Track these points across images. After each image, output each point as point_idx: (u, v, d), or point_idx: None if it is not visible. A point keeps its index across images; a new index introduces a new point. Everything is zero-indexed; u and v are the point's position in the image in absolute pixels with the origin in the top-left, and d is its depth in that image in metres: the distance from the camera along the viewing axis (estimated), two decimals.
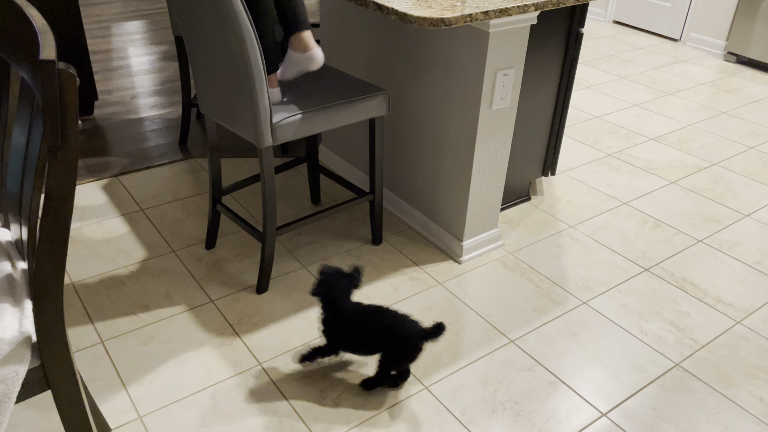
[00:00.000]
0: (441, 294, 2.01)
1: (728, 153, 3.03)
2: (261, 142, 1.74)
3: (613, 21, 5.04)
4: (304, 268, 2.10)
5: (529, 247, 2.27)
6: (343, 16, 2.38)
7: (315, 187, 2.43)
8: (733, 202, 2.62)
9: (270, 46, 1.74)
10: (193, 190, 2.51)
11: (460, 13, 1.59)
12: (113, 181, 2.56)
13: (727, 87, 3.85)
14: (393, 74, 2.23)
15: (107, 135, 2.93)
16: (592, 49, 4.41)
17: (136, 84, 3.51)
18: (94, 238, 2.21)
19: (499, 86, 1.91)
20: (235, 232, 2.26)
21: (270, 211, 1.86)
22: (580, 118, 3.33)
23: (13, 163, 1.14)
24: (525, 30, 1.89)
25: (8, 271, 1.13)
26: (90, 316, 1.86)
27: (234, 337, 1.81)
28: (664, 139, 3.14)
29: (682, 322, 1.95)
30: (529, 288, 2.06)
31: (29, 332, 1.03)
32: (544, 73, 2.27)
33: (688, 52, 4.44)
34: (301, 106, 1.81)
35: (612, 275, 2.15)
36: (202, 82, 1.87)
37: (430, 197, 2.24)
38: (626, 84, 3.82)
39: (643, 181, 2.74)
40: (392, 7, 1.63)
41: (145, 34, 4.31)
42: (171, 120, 3.09)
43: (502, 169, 2.11)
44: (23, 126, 1.09)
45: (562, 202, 2.55)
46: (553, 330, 1.89)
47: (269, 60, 1.76)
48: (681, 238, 2.37)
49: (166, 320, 1.86)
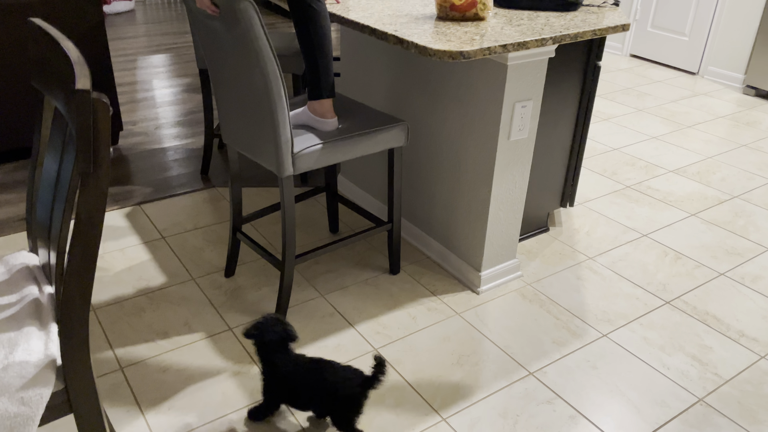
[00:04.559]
0: (459, 325, 2.00)
1: (749, 186, 3.01)
2: (282, 171, 1.77)
3: (631, 54, 5.07)
4: (321, 297, 2.11)
5: (547, 278, 2.25)
6: (363, 48, 2.43)
7: (333, 216, 2.45)
8: (755, 235, 2.59)
9: (323, 69, 1.79)
10: (213, 219, 2.55)
11: (479, 47, 1.62)
12: (136, 209, 2.60)
13: (746, 120, 3.84)
14: (412, 105, 2.26)
15: (131, 164, 2.99)
16: (609, 82, 4.43)
17: (159, 115, 3.59)
18: (116, 265, 2.24)
19: (517, 118, 1.93)
20: (254, 261, 2.28)
21: (289, 239, 1.88)
22: (598, 150, 3.33)
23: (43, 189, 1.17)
24: (543, 63, 1.92)
25: (35, 295, 1.15)
26: (110, 342, 1.88)
27: (251, 365, 1.81)
28: (683, 172, 3.13)
29: (705, 356, 1.92)
30: (548, 320, 2.05)
31: (54, 355, 1.04)
32: (562, 105, 2.29)
33: (707, 85, 4.45)
34: (321, 137, 1.84)
35: (632, 308, 2.12)
36: (226, 112, 1.91)
37: (448, 227, 2.25)
38: (644, 117, 3.83)
39: (662, 214, 2.73)
40: (412, 41, 1.67)
41: (170, 67, 4.43)
42: (193, 150, 3.15)
43: (521, 199, 2.12)
44: (55, 153, 1.12)
45: (581, 234, 2.54)
46: (572, 363, 1.87)
47: (324, 84, 1.81)
48: (702, 271, 2.34)
49: (185, 347, 1.87)
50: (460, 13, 1.87)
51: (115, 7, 5.76)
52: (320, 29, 1.78)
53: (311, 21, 1.76)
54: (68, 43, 1.04)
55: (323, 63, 1.82)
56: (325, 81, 1.84)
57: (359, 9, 1.99)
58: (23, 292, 1.15)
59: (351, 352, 1.87)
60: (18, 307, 1.11)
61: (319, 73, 1.83)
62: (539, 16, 1.95)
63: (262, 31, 1.61)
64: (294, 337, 1.54)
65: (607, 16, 1.97)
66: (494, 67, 1.88)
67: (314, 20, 1.76)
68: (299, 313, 2.03)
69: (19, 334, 1.05)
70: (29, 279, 1.20)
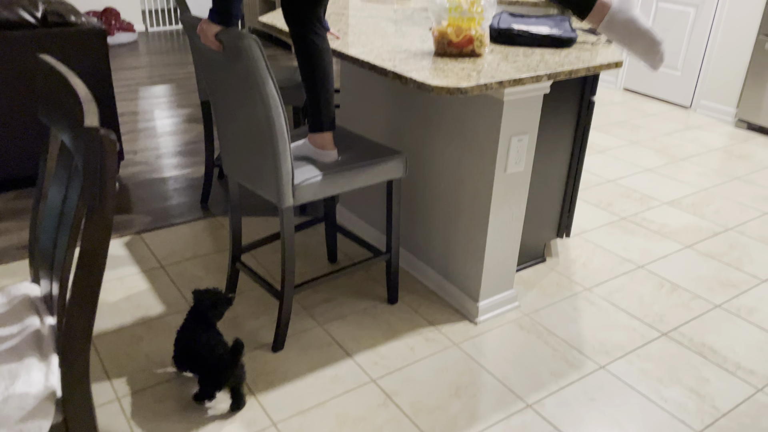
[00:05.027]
0: (457, 356, 2.01)
1: (743, 218, 3.04)
2: (283, 202, 1.80)
3: (624, 88, 5.16)
4: (320, 327, 2.11)
5: (545, 309, 2.26)
6: (363, 82, 2.47)
7: (332, 246, 2.47)
8: (749, 267, 2.61)
9: (324, 102, 1.83)
10: (212, 248, 2.56)
11: (476, 83, 1.67)
12: (135, 238, 2.62)
13: (739, 153, 3.89)
14: (411, 138, 2.30)
15: (131, 193, 3.01)
16: (604, 115, 4.50)
17: (160, 144, 3.63)
18: (115, 294, 2.24)
19: (513, 151, 1.96)
20: (252, 290, 2.29)
21: (289, 270, 1.89)
22: (593, 182, 3.37)
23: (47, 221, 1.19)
24: (539, 98, 1.96)
25: (37, 326, 1.16)
26: (107, 371, 1.87)
27: (249, 395, 1.81)
28: (678, 204, 3.16)
29: (702, 388, 1.92)
30: (545, 351, 2.05)
31: (54, 387, 1.05)
32: (558, 138, 2.33)
33: (699, 118, 4.52)
34: (322, 168, 1.87)
35: (629, 339, 2.13)
36: (227, 144, 1.94)
37: (446, 257, 2.27)
38: (638, 149, 3.88)
39: (658, 245, 2.75)
40: (411, 77, 1.71)
41: (171, 98, 4.49)
42: (193, 179, 3.18)
43: (518, 230, 2.14)
44: (60, 185, 1.14)
45: (578, 264, 2.56)
46: (570, 394, 1.87)
47: (325, 117, 1.84)
48: (698, 303, 2.35)
49: (183, 378, 1.86)
50: (457, 50, 1.92)
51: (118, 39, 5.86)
52: (322, 64, 1.82)
53: (314, 56, 1.81)
54: (76, 79, 1.07)
55: (324, 96, 1.86)
56: (326, 114, 1.88)
57: (359, 45, 2.04)
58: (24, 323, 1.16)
59: (349, 383, 1.87)
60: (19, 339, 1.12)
61: (320, 106, 1.87)
62: (534, 53, 2.00)
63: (265, 67, 1.65)
64: (223, 308, 1.80)
65: (601, 53, 2.02)
66: (491, 102, 1.92)
67: (316, 55, 1.81)
68: (297, 343, 2.03)
69: (19, 365, 1.06)
70: (30, 310, 1.21)
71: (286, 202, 1.80)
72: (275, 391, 1.83)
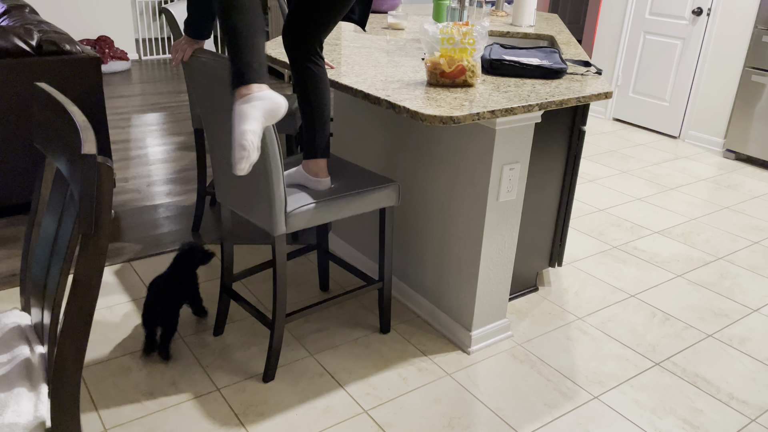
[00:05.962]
0: (450, 386, 1.99)
1: (733, 247, 3.07)
2: (275, 229, 1.79)
3: (614, 118, 5.24)
4: (311, 356, 2.09)
5: (538, 338, 2.26)
6: (356, 111, 2.50)
7: (324, 275, 2.46)
8: (740, 297, 2.62)
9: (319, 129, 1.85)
10: (203, 276, 2.54)
11: (468, 112, 1.69)
12: (125, 266, 2.60)
13: (727, 183, 3.94)
14: (403, 166, 2.32)
15: (122, 221, 3.00)
16: (594, 145, 4.56)
17: (152, 172, 3.63)
18: (104, 323, 2.21)
19: (505, 180, 1.98)
20: (243, 319, 2.27)
21: (280, 299, 1.88)
22: (584, 211, 3.40)
23: (40, 248, 1.18)
24: (530, 127, 1.99)
25: (27, 355, 1.14)
26: (95, 402, 1.84)
27: (239, 427, 1.78)
28: (668, 233, 3.19)
29: (696, 419, 1.91)
30: (539, 381, 2.04)
31: (44, 417, 1.03)
32: (549, 167, 2.36)
33: (688, 148, 4.59)
34: (314, 196, 1.87)
35: (623, 369, 2.12)
36: (220, 171, 1.95)
37: (438, 286, 2.26)
38: (628, 178, 3.93)
39: (649, 274, 2.76)
40: (404, 106, 1.73)
41: (164, 125, 4.50)
42: (185, 207, 3.18)
43: (510, 259, 2.15)
44: (54, 213, 1.14)
45: (570, 294, 2.56)
46: (564, 425, 1.85)
47: (320, 144, 1.86)
48: (690, 333, 2.36)
49: (171, 408, 1.83)
50: (449, 80, 1.94)
51: (111, 67, 5.89)
52: (319, 91, 1.84)
53: (310, 83, 1.83)
54: (74, 107, 1.08)
55: (320, 123, 1.87)
56: (320, 141, 1.89)
57: (353, 74, 2.07)
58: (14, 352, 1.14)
59: (341, 414, 1.85)
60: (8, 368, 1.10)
61: (315, 132, 1.88)
62: (525, 83, 2.03)
63: None
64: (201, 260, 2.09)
65: (590, 83, 2.06)
66: (483, 132, 1.94)
67: (313, 82, 1.83)
68: (288, 373, 2.00)
69: (9, 395, 1.04)
70: (21, 339, 1.19)
71: (279, 229, 1.80)
72: (266, 422, 1.80)
